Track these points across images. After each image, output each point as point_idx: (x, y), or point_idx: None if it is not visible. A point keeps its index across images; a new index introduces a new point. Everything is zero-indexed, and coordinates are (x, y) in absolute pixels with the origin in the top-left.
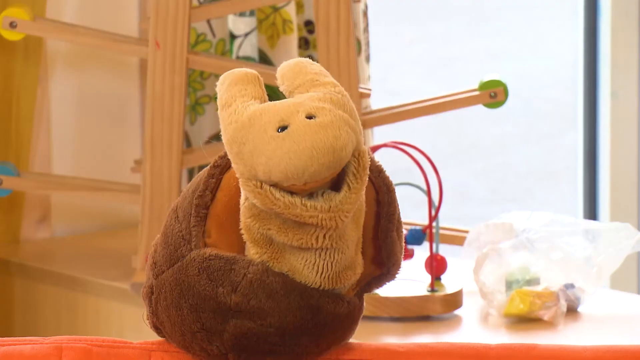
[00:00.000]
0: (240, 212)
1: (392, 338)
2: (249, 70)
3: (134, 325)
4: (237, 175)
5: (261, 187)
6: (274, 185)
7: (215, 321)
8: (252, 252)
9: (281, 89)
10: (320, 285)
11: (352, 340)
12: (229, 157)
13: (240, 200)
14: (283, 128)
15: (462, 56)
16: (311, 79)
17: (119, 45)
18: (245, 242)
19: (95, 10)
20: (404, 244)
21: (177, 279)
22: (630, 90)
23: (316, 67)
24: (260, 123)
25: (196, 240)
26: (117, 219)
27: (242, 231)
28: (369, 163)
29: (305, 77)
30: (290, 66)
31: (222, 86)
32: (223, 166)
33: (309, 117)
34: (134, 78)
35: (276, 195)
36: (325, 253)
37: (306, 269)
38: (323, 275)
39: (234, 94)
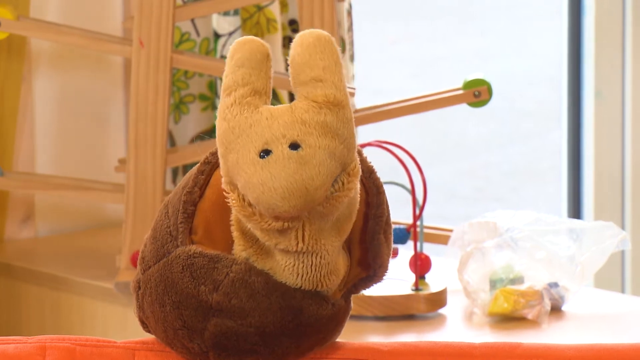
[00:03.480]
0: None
1: (376, 337)
2: (260, 44)
3: (118, 325)
4: (220, 172)
5: (233, 192)
6: None
7: (197, 319)
8: (238, 246)
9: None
10: (301, 287)
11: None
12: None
13: None
14: (266, 152)
15: (448, 55)
16: (315, 77)
17: (103, 45)
18: (232, 239)
19: (78, 10)
20: (392, 246)
21: (161, 275)
22: (614, 90)
23: (327, 57)
24: (247, 139)
25: (182, 236)
26: (101, 219)
27: (232, 223)
28: (357, 180)
29: (311, 72)
30: (302, 50)
31: (230, 61)
32: (213, 163)
33: (294, 145)
34: (118, 77)
35: (246, 204)
36: (304, 256)
37: (287, 270)
38: (303, 278)
39: (237, 80)
